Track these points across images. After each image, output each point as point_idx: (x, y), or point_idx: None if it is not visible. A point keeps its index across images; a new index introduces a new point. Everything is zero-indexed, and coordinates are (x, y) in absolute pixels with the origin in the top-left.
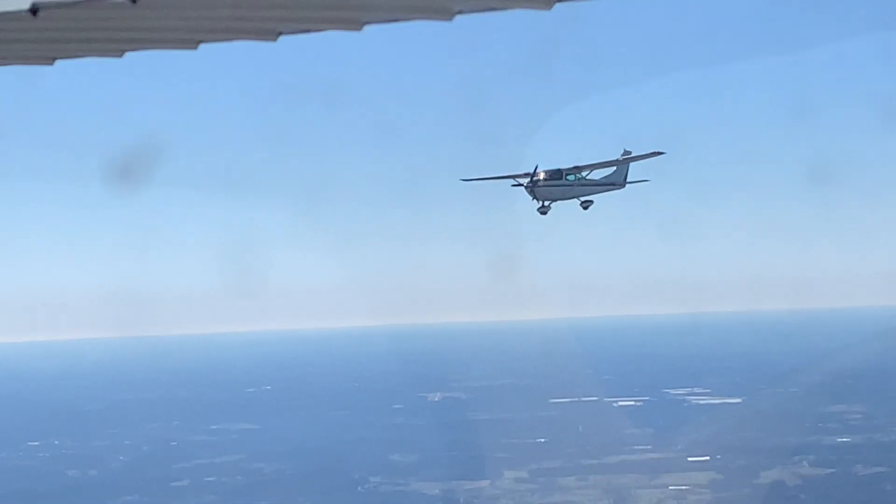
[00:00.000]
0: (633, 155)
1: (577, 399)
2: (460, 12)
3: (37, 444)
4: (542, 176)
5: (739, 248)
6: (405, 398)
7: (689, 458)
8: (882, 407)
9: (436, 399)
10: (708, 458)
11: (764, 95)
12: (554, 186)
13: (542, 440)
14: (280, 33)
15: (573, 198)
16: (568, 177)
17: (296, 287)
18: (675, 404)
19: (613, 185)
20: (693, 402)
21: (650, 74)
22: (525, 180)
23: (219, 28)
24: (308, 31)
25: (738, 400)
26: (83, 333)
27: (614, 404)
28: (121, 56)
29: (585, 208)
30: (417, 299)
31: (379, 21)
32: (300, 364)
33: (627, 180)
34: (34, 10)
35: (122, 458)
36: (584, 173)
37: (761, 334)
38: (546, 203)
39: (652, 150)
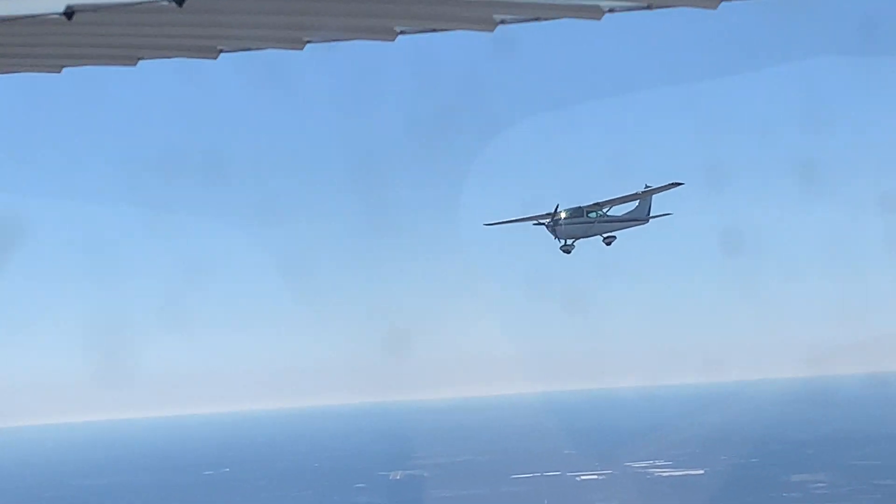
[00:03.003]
0: (652, 188)
1: (539, 474)
2: (402, 32)
3: None
4: (563, 215)
5: (692, 319)
6: (367, 477)
7: None
8: (844, 475)
9: (398, 477)
10: None
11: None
12: (576, 224)
13: None
14: (221, 50)
15: (595, 235)
16: (589, 214)
17: (244, 368)
18: (639, 477)
19: (636, 220)
20: (656, 474)
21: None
22: (546, 220)
23: (158, 45)
24: (250, 48)
25: (701, 471)
26: (38, 420)
27: (577, 478)
28: (59, 71)
29: (608, 244)
30: (367, 378)
31: (321, 40)
32: (258, 445)
33: (650, 215)
34: None
35: None
36: (604, 210)
37: (716, 405)
38: (569, 241)
39: (670, 182)
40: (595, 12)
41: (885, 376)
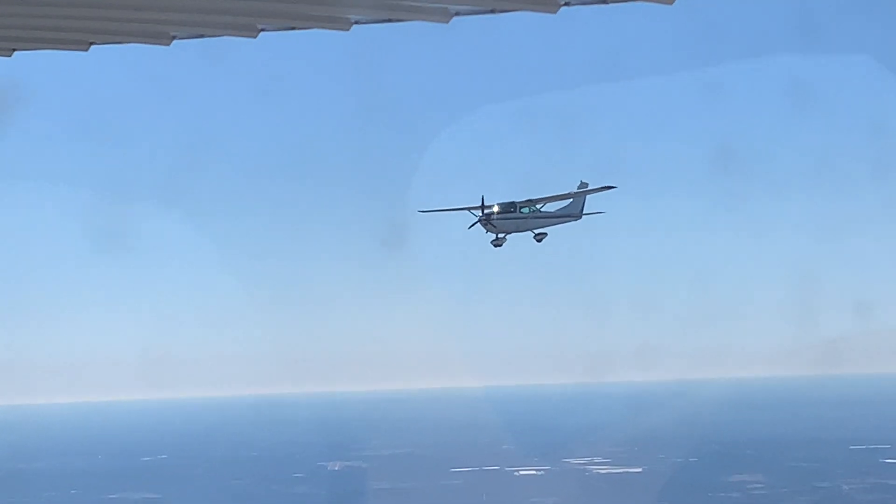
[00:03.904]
0: (587, 188)
1: (478, 468)
2: (358, 23)
3: None
4: (495, 209)
5: (634, 317)
6: (305, 467)
7: None
8: (782, 476)
9: (336, 468)
10: None
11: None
12: (508, 219)
13: None
14: (174, 37)
15: (528, 230)
16: (522, 209)
17: (185, 354)
18: (577, 473)
19: (569, 216)
20: (594, 471)
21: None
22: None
23: (111, 30)
24: (203, 35)
25: (639, 469)
26: None
27: (516, 473)
28: (10, 55)
29: (539, 241)
30: (309, 368)
31: (275, 28)
32: (195, 432)
33: (584, 212)
34: None
35: None
36: (538, 206)
37: (656, 405)
38: (500, 235)
39: (604, 185)
40: (551, 5)
41: (824, 379)
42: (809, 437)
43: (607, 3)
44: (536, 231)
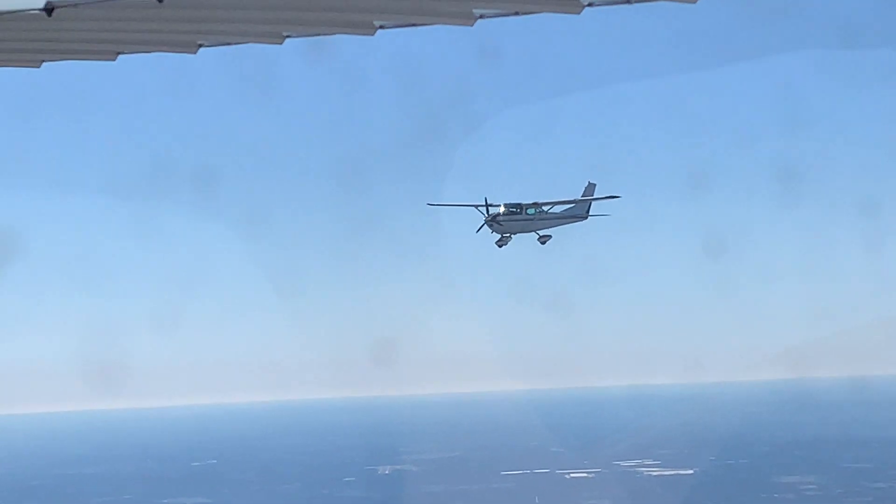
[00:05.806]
0: (592, 196)
1: (529, 471)
2: (382, 27)
3: None
4: (501, 210)
5: (677, 320)
6: (356, 471)
7: None
8: (835, 478)
9: (386, 472)
10: None
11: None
12: (514, 221)
13: None
14: (201, 45)
15: (533, 231)
16: (528, 211)
17: (232, 361)
18: (628, 476)
19: (575, 217)
20: (645, 473)
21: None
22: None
23: (137, 40)
24: (229, 43)
25: (691, 471)
26: (25, 409)
27: (567, 476)
28: (38, 66)
29: (543, 243)
30: (358, 373)
31: (301, 35)
32: (245, 437)
33: (589, 213)
34: None
35: None
36: (545, 208)
37: (702, 406)
38: (506, 235)
39: (608, 195)
40: (575, 6)
41: (871, 380)
42: (860, 437)
43: (631, 2)
44: (541, 233)
